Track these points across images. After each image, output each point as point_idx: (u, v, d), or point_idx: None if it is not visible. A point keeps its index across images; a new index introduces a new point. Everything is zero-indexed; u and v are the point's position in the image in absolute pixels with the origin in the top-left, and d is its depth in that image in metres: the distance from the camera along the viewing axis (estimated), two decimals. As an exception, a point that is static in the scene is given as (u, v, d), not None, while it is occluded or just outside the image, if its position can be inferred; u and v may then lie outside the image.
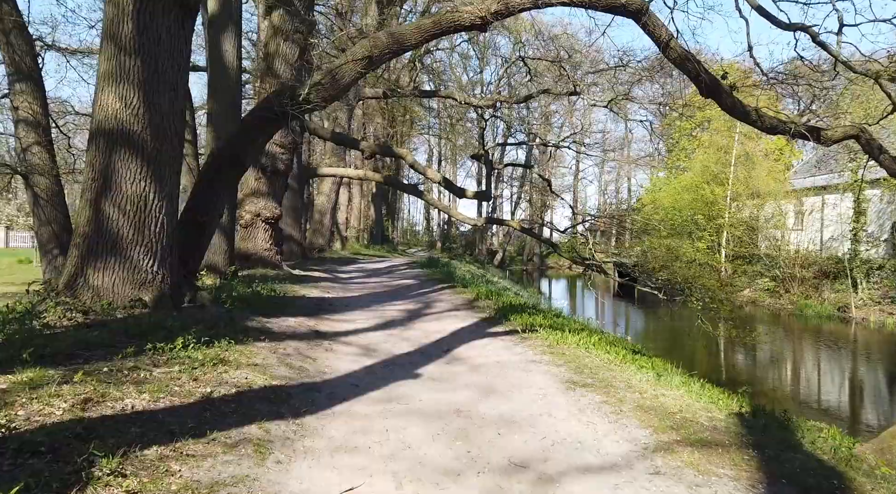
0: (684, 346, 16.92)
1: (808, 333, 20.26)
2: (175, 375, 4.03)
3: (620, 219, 14.79)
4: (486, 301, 9.57)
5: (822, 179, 31.12)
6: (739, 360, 15.47)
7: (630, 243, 26.62)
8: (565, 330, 7.09)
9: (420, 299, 10.05)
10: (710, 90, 8.29)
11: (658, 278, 16.96)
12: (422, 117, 40.82)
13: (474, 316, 8.29)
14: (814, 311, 24.66)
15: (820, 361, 15.92)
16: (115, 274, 5.73)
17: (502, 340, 6.64)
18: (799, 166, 37.75)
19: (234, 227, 10.97)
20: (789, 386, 13.24)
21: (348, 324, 7.46)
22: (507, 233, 50.05)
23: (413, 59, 33.83)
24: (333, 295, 10.23)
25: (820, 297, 26.50)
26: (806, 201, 30.59)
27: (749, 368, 14.85)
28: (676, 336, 18.54)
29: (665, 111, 32.19)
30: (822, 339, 18.65)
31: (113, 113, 5.73)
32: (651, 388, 4.62)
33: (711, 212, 31.43)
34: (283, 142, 12.68)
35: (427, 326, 7.60)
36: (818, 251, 28.81)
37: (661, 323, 21.23)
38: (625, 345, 8.16)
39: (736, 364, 15.22)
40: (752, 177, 30.61)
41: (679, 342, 17.46)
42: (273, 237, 12.75)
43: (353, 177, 17.80)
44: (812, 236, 29.92)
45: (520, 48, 23.18)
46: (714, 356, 15.92)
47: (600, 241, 19.62)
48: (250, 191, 12.47)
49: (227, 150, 7.24)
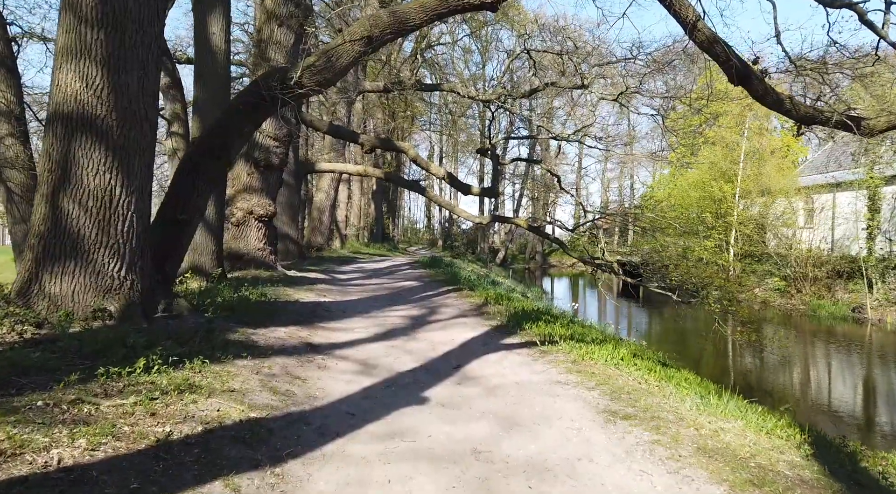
0: (692, 347, 16.26)
1: (823, 335, 19.52)
2: (128, 409, 3.26)
3: (633, 217, 14.05)
4: (495, 306, 8.81)
5: (834, 176, 30.42)
6: (749, 362, 14.80)
7: (639, 241, 25.81)
8: (588, 342, 6.33)
9: (424, 304, 9.29)
10: (741, 77, 7.57)
11: (670, 278, 16.22)
12: (423, 112, 40.02)
13: (485, 324, 7.53)
14: (827, 312, 23.96)
15: (839, 365, 15.22)
16: (75, 281, 4.97)
17: (519, 354, 5.87)
18: (806, 163, 36.99)
19: (223, 226, 10.20)
20: (811, 392, 12.53)
21: (345, 334, 6.70)
22: (508, 231, 49.29)
23: (414, 53, 33.07)
24: (330, 298, 9.46)
25: (833, 297, 25.82)
26: (816, 198, 29.87)
27: (766, 372, 14.16)
28: (683, 336, 17.94)
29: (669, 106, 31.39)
30: (838, 341, 17.95)
31: (72, 94, 4.96)
32: (706, 420, 3.86)
33: (720, 210, 30.72)
34: (276, 134, 11.90)
35: (433, 336, 6.83)
36: (829, 250, 28.11)
37: (667, 324, 20.52)
38: (650, 356, 7.41)
39: (748, 366, 14.54)
40: (763, 174, 29.88)
41: (686, 343, 16.85)
42: (267, 236, 11.98)
43: (353, 173, 17.05)
44: (824, 234, 29.18)
45: (525, 40, 22.41)
46: (722, 357, 15.31)
47: (608, 240, 18.85)
48: (242, 187, 11.70)
49: (210, 140, 6.47)
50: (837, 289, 26.13)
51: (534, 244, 54.23)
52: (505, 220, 16.40)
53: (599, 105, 38.78)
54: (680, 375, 5.85)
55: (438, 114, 45.65)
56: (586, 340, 6.45)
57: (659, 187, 42.76)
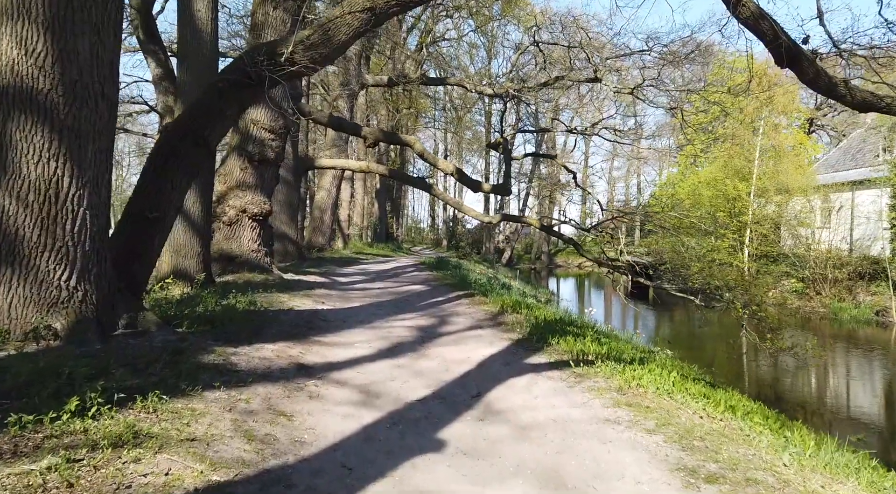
0: (704, 350, 15.44)
1: (846, 339, 18.53)
2: (35, 479, 2.34)
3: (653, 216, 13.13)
4: (513, 314, 7.86)
5: (853, 174, 29.42)
6: (764, 367, 13.91)
7: (650, 241, 24.81)
8: (626, 360, 5.39)
9: (433, 312, 8.35)
10: (790, 57, 6.62)
11: (692, 281, 15.28)
12: (428, 109, 39.04)
13: (504, 338, 6.59)
14: (849, 315, 22.98)
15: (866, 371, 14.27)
16: (11, 292, 4.06)
17: (550, 378, 4.93)
18: (821, 161, 35.96)
19: (211, 225, 9.28)
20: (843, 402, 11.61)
21: (344, 350, 5.77)
22: (514, 230, 48.34)
23: (420, 47, 32.14)
24: (329, 305, 8.54)
25: (854, 300, 24.84)
26: (834, 197, 28.85)
27: (784, 377, 13.27)
28: (695, 339, 17.06)
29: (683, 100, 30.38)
30: (862, 345, 17.02)
31: (8, 63, 4.05)
32: (817, 482, 2.92)
33: (734, 209, 29.74)
34: (272, 126, 10.99)
35: (446, 352, 5.90)
36: (848, 250, 27.16)
37: (678, 327, 19.71)
38: (692, 373, 6.46)
39: (764, 371, 13.65)
40: (781, 171, 28.87)
41: (697, 345, 16.02)
42: (262, 236, 11.08)
43: (355, 170, 16.16)
44: (844, 234, 28.18)
45: (535, 32, 21.48)
46: (736, 362, 14.46)
47: (616, 238, 18.13)
48: (235, 184, 10.79)
49: (188, 123, 5.55)
50: (859, 291, 25.16)
51: (539, 244, 53.30)
52: (516, 220, 15.47)
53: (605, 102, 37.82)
54: (740, 402, 4.89)
55: (443, 112, 44.72)
56: (624, 359, 5.50)
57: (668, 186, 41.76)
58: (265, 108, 10.94)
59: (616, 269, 14.53)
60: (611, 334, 8.62)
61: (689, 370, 7.06)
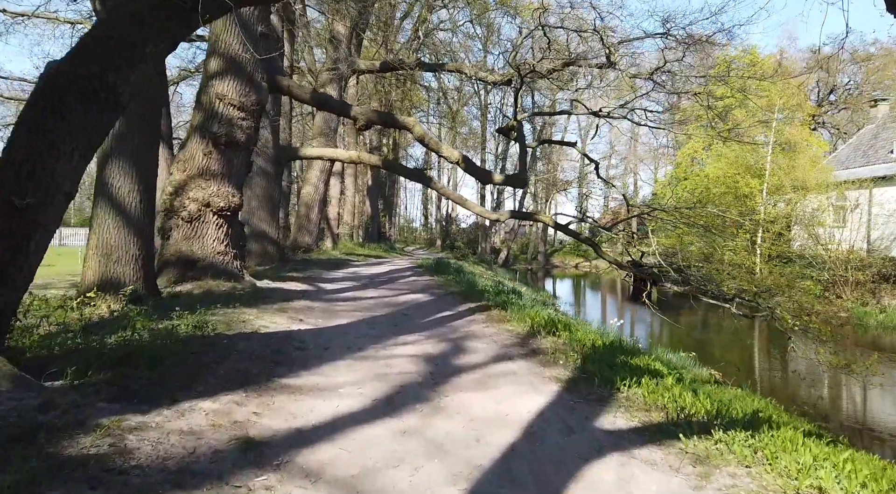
0: (714, 354, 13.99)
1: (872, 345, 16.94)
2: None
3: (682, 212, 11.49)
4: (548, 337, 6.00)
5: (866, 171, 28.00)
6: (778, 374, 12.46)
7: (681, 240, 23.17)
8: (740, 419, 3.56)
9: (443, 332, 6.48)
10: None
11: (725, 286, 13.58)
12: (423, 102, 37.15)
13: (547, 376, 4.73)
14: (875, 320, 21.48)
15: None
16: None
17: (653, 466, 3.05)
18: (829, 157, 34.58)
19: (153, 220, 7.32)
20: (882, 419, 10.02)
21: (323, 402, 3.91)
22: (510, 229, 46.63)
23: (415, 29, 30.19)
24: (309, 324, 6.66)
25: (878, 304, 23.36)
26: (854, 195, 27.38)
27: (803, 386, 11.75)
28: (702, 343, 15.96)
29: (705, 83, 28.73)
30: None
31: None
32: None
33: (745, 208, 28.21)
34: (242, 102, 9.08)
35: (471, 403, 4.05)
36: (866, 250, 25.76)
37: (684, 330, 18.31)
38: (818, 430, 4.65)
39: (777, 378, 12.20)
40: (797, 167, 27.35)
41: (707, 350, 14.60)
42: (229, 235, 9.16)
43: (344, 160, 14.27)
44: (863, 233, 26.71)
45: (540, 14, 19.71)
46: (746, 366, 13.10)
47: (637, 238, 16.71)
48: (197, 171, 8.86)
49: (81, 65, 3.65)
50: (884, 295, 23.67)
51: (536, 244, 51.74)
52: (527, 217, 13.67)
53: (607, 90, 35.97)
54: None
55: (437, 105, 42.87)
56: (746, 419, 3.67)
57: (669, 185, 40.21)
58: (233, 80, 9.03)
59: (643, 273, 12.80)
60: (666, 359, 6.80)
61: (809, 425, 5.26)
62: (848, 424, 9.56)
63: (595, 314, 24.11)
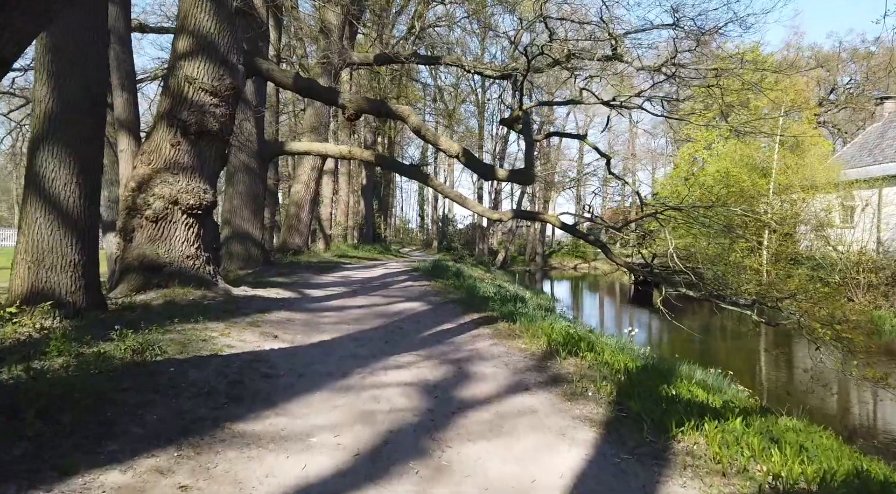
0: (717, 359, 13.23)
1: (888, 352, 16.07)
2: None
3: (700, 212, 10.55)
4: (569, 358, 5.00)
5: (874, 170, 27.23)
6: (783, 380, 11.68)
7: (694, 240, 22.24)
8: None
9: (443, 352, 5.46)
10: None
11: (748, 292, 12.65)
12: (418, 99, 36.10)
13: (577, 416, 3.72)
14: (891, 325, 20.66)
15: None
16: None
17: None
18: (836, 156, 33.81)
19: (97, 218, 6.24)
20: None
21: (283, 459, 2.89)
22: (507, 230, 45.64)
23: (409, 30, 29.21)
24: (283, 342, 5.63)
25: (892, 308, 22.55)
26: (867, 194, 26.55)
27: (815, 396, 10.91)
28: (704, 347, 15.49)
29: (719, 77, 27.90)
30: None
31: None
32: None
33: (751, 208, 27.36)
34: (215, 86, 8.04)
35: (484, 464, 3.03)
36: (875, 252, 24.96)
37: (685, 333, 17.61)
38: None
39: (782, 385, 11.44)
40: (806, 165, 26.49)
41: (708, 353, 14.25)
42: (201, 236, 8.12)
43: (335, 155, 13.24)
44: (873, 234, 25.88)
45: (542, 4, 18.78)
46: (750, 371, 12.38)
47: (652, 239, 15.75)
48: (163, 165, 7.82)
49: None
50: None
51: (534, 245, 50.84)
52: (531, 217, 12.69)
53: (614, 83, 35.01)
54: None
55: (434, 104, 41.86)
56: (839, 477, 2.69)
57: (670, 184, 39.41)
58: (205, 62, 7.99)
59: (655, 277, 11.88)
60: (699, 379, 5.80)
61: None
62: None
63: (596, 317, 23.19)
